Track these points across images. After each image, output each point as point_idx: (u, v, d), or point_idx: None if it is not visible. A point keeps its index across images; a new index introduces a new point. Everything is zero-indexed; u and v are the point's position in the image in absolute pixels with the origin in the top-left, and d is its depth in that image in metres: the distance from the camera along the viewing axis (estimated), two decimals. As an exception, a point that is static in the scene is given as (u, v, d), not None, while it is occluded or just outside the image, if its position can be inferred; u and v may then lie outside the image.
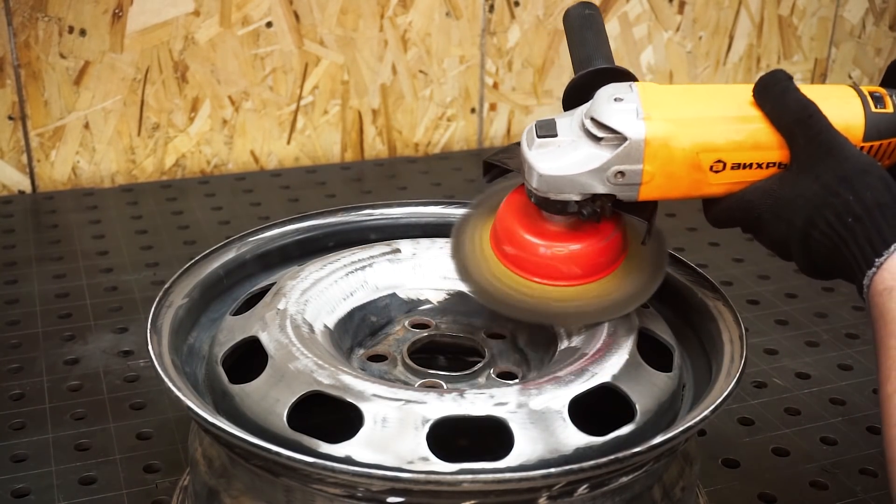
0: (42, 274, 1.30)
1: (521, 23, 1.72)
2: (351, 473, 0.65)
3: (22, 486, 0.93)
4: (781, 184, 0.74)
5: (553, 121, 0.78)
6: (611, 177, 0.75)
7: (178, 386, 0.73)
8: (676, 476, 0.78)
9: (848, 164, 0.71)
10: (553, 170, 0.76)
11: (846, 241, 0.69)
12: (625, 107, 0.75)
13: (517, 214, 0.82)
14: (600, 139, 0.75)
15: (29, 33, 1.47)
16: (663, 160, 0.75)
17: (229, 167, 1.65)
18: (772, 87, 0.75)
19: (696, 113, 0.76)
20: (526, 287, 0.81)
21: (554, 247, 0.80)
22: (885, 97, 0.78)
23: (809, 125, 0.73)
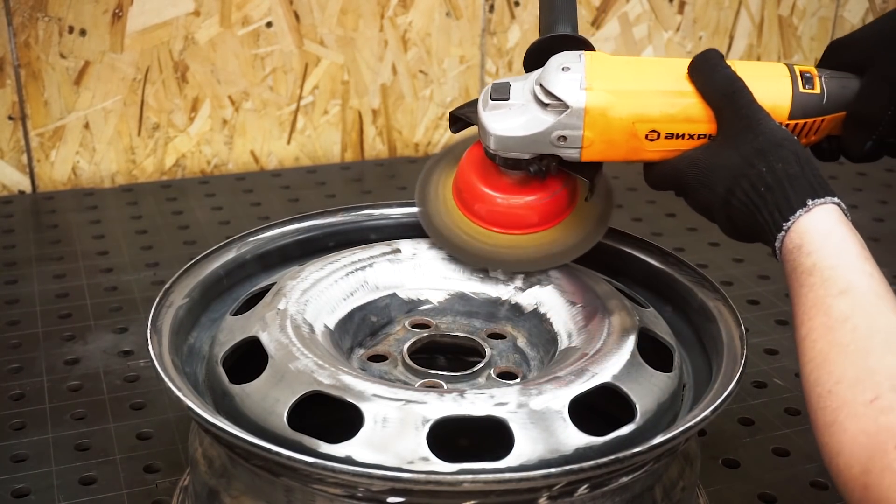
0: (42, 274, 1.30)
1: (521, 23, 1.72)
2: (351, 473, 0.65)
3: (22, 486, 0.93)
4: (706, 154, 0.80)
5: (507, 84, 0.85)
6: (554, 140, 0.82)
7: (179, 386, 0.73)
8: (676, 476, 0.78)
9: (764, 138, 0.77)
10: (503, 130, 0.83)
11: (759, 209, 0.75)
12: (570, 76, 0.82)
13: (475, 168, 0.89)
14: (547, 105, 0.82)
15: (29, 33, 1.47)
16: (602, 127, 0.81)
17: (229, 167, 1.65)
18: (702, 64, 0.81)
19: (635, 86, 0.82)
20: (481, 234, 0.89)
21: (506, 198, 0.88)
22: (815, 78, 0.83)
23: (734, 100, 0.79)
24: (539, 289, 0.89)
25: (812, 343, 0.68)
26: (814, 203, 0.73)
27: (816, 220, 0.73)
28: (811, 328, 0.69)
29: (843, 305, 0.68)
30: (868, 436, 0.61)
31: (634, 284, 0.93)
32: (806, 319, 0.69)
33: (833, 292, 0.69)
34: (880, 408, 0.61)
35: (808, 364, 0.68)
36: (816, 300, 0.69)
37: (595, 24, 1.76)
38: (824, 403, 0.65)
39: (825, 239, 0.72)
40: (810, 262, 0.71)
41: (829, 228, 0.73)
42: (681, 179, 0.81)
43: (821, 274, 0.70)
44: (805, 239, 0.73)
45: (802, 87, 0.82)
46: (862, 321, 0.67)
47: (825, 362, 0.66)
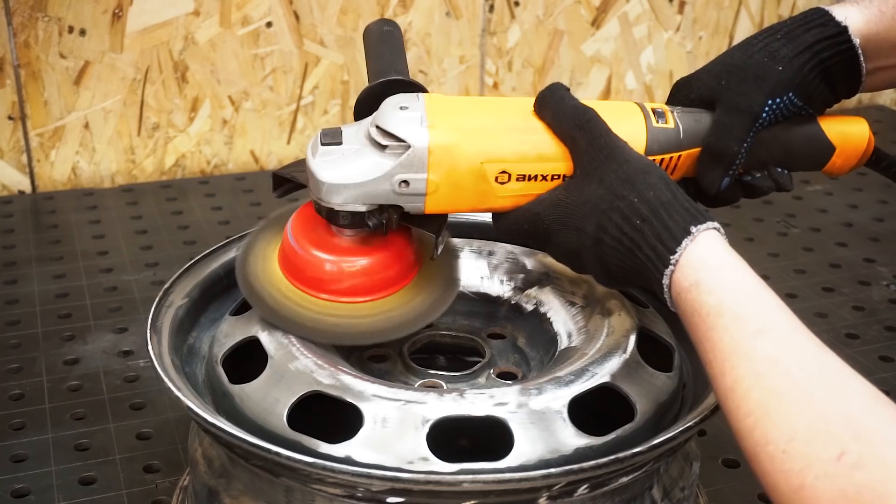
0: (42, 274, 1.30)
1: (521, 23, 1.72)
2: (351, 473, 0.65)
3: (22, 486, 0.93)
4: (567, 192, 0.74)
5: (339, 129, 0.77)
6: (395, 185, 0.74)
7: (178, 386, 0.73)
8: (676, 476, 0.78)
9: (628, 167, 0.71)
10: (336, 178, 0.74)
11: (638, 244, 0.69)
12: (410, 115, 0.74)
13: (304, 229, 0.80)
14: (385, 147, 0.74)
15: (29, 33, 1.47)
16: (447, 169, 0.74)
17: (229, 167, 1.65)
18: (548, 97, 0.76)
19: (481, 123, 0.76)
20: (313, 304, 0.79)
21: (340, 261, 0.78)
22: (667, 113, 0.79)
23: (589, 129, 0.73)
24: (539, 289, 0.89)
25: (744, 394, 0.61)
26: (697, 230, 0.67)
27: (704, 250, 0.67)
28: (737, 377, 0.61)
29: (766, 346, 0.62)
30: (848, 498, 0.54)
31: (634, 284, 0.93)
32: (728, 368, 0.62)
33: (751, 332, 0.62)
34: (851, 464, 0.55)
35: (746, 419, 0.60)
36: (734, 344, 0.62)
37: (595, 24, 1.76)
38: (783, 466, 0.57)
39: (722, 272, 0.66)
40: (714, 300, 0.65)
41: (721, 259, 0.67)
42: (540, 225, 0.75)
43: (730, 313, 0.64)
44: (701, 275, 0.66)
45: (656, 122, 0.78)
46: (792, 362, 0.61)
47: (767, 415, 0.59)
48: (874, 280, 1.33)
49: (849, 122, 0.83)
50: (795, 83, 0.78)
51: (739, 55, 0.80)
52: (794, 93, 0.79)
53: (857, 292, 1.30)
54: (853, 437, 0.56)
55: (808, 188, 1.60)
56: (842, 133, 0.82)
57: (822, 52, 0.79)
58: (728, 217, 1.49)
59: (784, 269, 1.35)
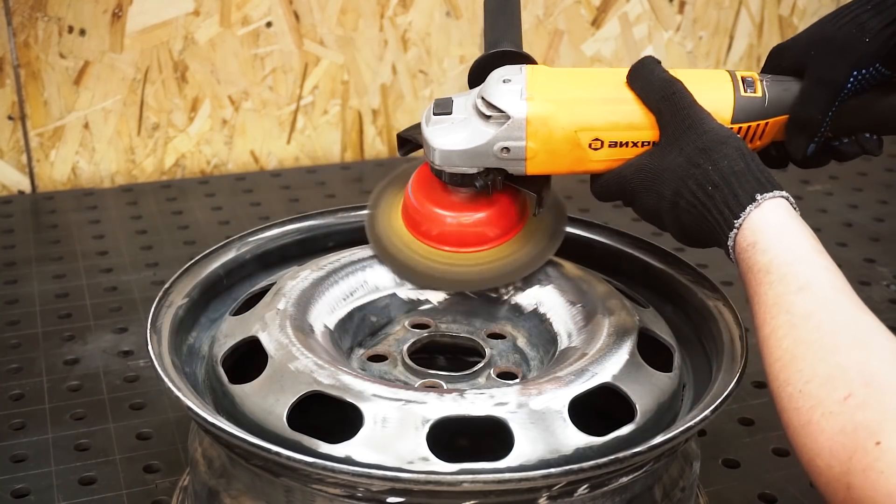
0: (42, 274, 1.30)
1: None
2: (351, 473, 0.65)
3: (22, 486, 0.93)
4: (651, 159, 0.79)
5: (451, 99, 0.85)
6: (497, 152, 0.81)
7: (178, 386, 0.73)
8: (676, 476, 0.78)
9: (707, 137, 0.76)
10: (446, 144, 0.83)
11: (708, 208, 0.74)
12: (511, 87, 0.81)
13: (422, 187, 0.88)
14: (489, 117, 0.82)
15: (28, 33, 1.47)
16: (544, 137, 0.81)
17: (229, 167, 1.65)
18: (640, 70, 0.81)
19: (576, 95, 0.82)
20: (432, 254, 0.88)
21: (456, 215, 0.87)
22: (757, 82, 0.83)
23: (674, 101, 0.79)
24: (539, 289, 0.89)
25: (777, 341, 0.67)
26: (762, 198, 0.72)
27: (767, 215, 0.72)
28: (775, 327, 0.67)
29: (805, 302, 0.67)
30: (846, 434, 0.60)
31: (634, 284, 0.93)
32: (768, 318, 0.68)
33: (793, 289, 0.68)
34: (855, 405, 0.60)
35: (776, 363, 0.67)
36: (777, 298, 0.68)
37: (595, 24, 1.76)
38: (797, 404, 0.64)
39: (779, 235, 0.71)
40: (766, 259, 0.70)
41: (782, 223, 0.72)
42: (627, 187, 0.81)
43: (778, 271, 0.69)
44: (759, 236, 0.72)
45: (744, 91, 0.82)
46: (825, 316, 0.66)
47: (793, 361, 0.65)
48: (874, 280, 1.33)
49: None
50: (882, 54, 0.80)
51: (830, 26, 0.82)
52: (881, 63, 0.81)
53: (858, 292, 1.28)
54: (864, 383, 0.61)
55: (808, 188, 1.60)
56: None
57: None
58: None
59: (784, 269, 1.35)
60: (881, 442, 0.58)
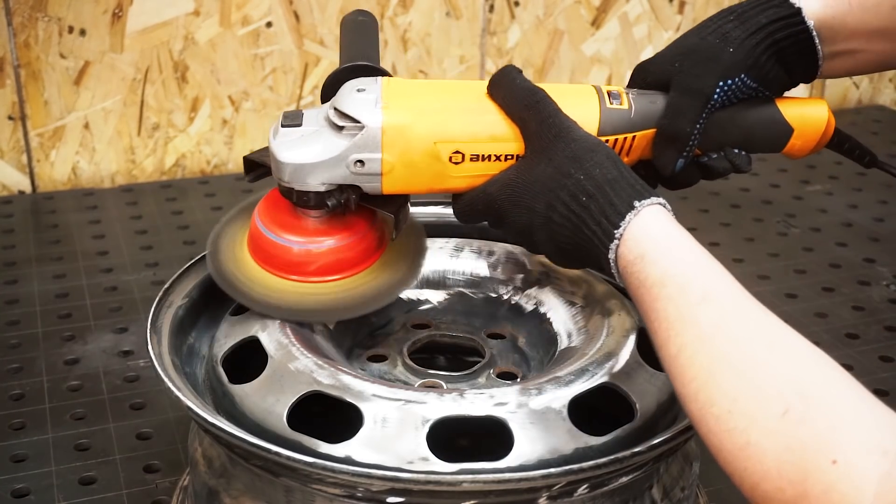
0: (42, 274, 1.30)
1: (521, 23, 1.72)
2: (351, 473, 0.65)
3: (22, 486, 0.93)
4: (518, 172, 0.75)
5: (300, 112, 0.80)
6: (351, 165, 0.76)
7: (178, 386, 0.73)
8: (677, 476, 0.78)
9: (576, 145, 0.72)
10: (295, 158, 0.77)
11: (584, 220, 0.70)
12: (365, 97, 0.77)
13: (270, 213, 0.82)
14: (342, 128, 0.76)
15: (29, 33, 1.47)
16: (401, 149, 0.76)
17: (229, 167, 1.65)
18: (501, 78, 0.77)
19: (434, 104, 0.77)
20: (282, 286, 0.81)
21: (307, 242, 0.81)
22: (622, 95, 0.80)
23: (538, 109, 0.74)
24: (539, 289, 0.89)
25: (688, 359, 0.62)
26: (641, 205, 0.68)
27: (649, 223, 0.68)
28: (682, 343, 0.62)
29: (711, 313, 0.62)
30: (794, 453, 0.55)
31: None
32: (672, 335, 0.63)
33: (694, 300, 0.63)
34: (796, 420, 0.55)
35: (691, 384, 0.61)
36: (678, 311, 0.63)
37: (595, 24, 1.76)
38: (728, 425, 0.58)
39: (667, 244, 0.67)
40: (658, 271, 0.66)
41: (665, 231, 0.68)
42: (494, 204, 0.76)
43: (674, 282, 0.65)
44: (645, 246, 0.67)
45: (609, 103, 0.79)
46: (736, 327, 0.62)
47: (712, 378, 0.60)
48: (874, 280, 1.33)
49: (808, 104, 0.83)
50: (748, 64, 0.79)
51: (693, 38, 0.81)
52: (746, 74, 0.79)
53: (857, 292, 1.30)
54: (797, 394, 0.56)
55: (808, 188, 1.60)
56: (800, 115, 0.82)
57: (775, 33, 0.79)
58: (728, 217, 1.49)
59: (784, 269, 1.35)
60: (837, 460, 0.53)
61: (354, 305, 0.81)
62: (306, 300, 0.81)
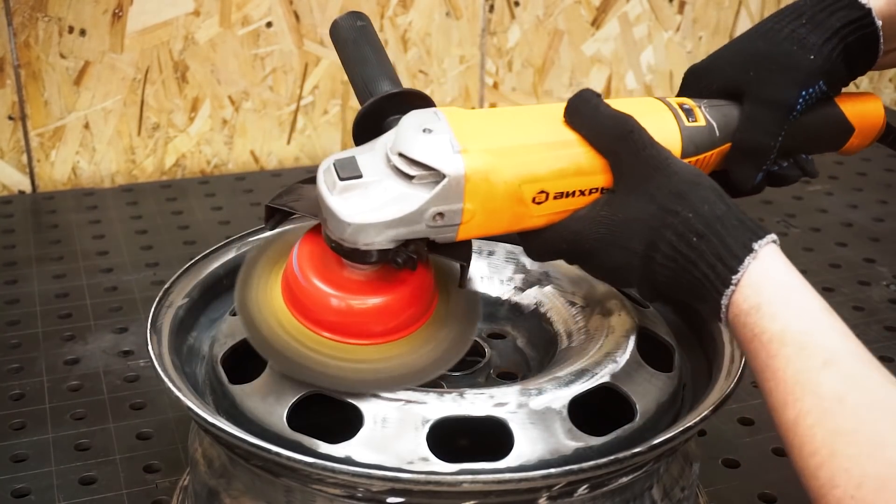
0: (42, 274, 1.30)
1: (521, 23, 1.72)
2: (351, 474, 0.65)
3: (22, 486, 0.93)
4: (612, 209, 0.69)
5: (353, 158, 0.68)
6: (429, 219, 0.67)
7: (178, 386, 0.73)
8: (676, 476, 0.78)
9: (678, 178, 0.67)
10: (363, 217, 0.66)
11: (694, 262, 0.65)
12: (437, 139, 0.67)
13: (312, 263, 0.72)
14: (412, 177, 0.67)
15: (29, 33, 1.47)
16: (484, 196, 0.67)
17: (229, 167, 1.65)
18: (582, 106, 0.70)
19: (513, 140, 0.69)
20: (326, 348, 0.72)
21: (360, 300, 0.71)
22: (695, 109, 0.76)
23: (632, 140, 0.68)
24: (539, 289, 0.88)
25: (808, 430, 0.58)
26: (758, 245, 0.64)
27: (767, 268, 0.63)
28: (801, 411, 0.59)
29: (833, 380, 0.58)
30: None
31: (634, 284, 0.93)
32: (791, 400, 0.59)
33: (816, 364, 0.59)
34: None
35: (812, 458, 0.58)
36: (798, 375, 0.59)
37: (595, 24, 1.76)
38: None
39: (787, 295, 0.62)
40: (777, 326, 0.61)
41: (784, 279, 0.63)
42: (581, 244, 0.70)
43: (794, 341, 0.60)
44: (763, 296, 0.62)
45: (687, 121, 0.74)
46: (860, 398, 0.58)
47: (833, 457, 0.56)
48: (874, 280, 1.33)
49: (864, 101, 0.82)
50: (825, 70, 0.75)
51: (764, 44, 0.76)
52: (823, 81, 0.76)
53: (857, 292, 1.30)
54: None
55: (808, 188, 1.60)
56: (860, 113, 0.80)
57: (847, 36, 0.76)
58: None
59: (784, 269, 1.35)
60: None
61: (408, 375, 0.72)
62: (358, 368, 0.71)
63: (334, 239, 0.68)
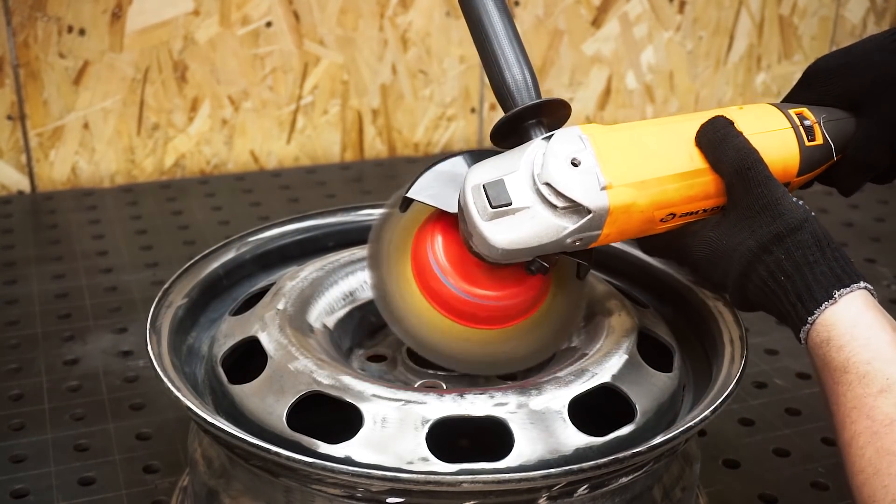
0: (41, 274, 1.30)
1: (521, 23, 1.72)
2: (350, 474, 0.65)
3: (21, 486, 0.93)
4: (718, 232, 0.75)
5: (502, 182, 0.72)
6: (569, 243, 0.73)
7: (178, 386, 0.73)
8: (676, 476, 0.78)
9: (782, 221, 0.72)
10: (512, 243, 0.71)
11: (779, 297, 0.71)
12: (583, 174, 0.71)
13: (450, 255, 0.77)
14: (557, 207, 0.71)
15: (28, 33, 1.47)
16: (622, 224, 0.74)
17: (229, 167, 1.65)
18: (713, 134, 0.75)
19: (653, 171, 0.74)
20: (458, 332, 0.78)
21: (499, 294, 0.77)
22: (815, 127, 0.78)
23: (749, 177, 0.73)
24: (539, 289, 0.88)
25: (859, 450, 0.63)
26: (839, 294, 0.69)
27: (842, 310, 0.69)
28: (855, 433, 0.64)
29: (887, 406, 0.63)
30: None
31: (634, 284, 0.93)
32: (848, 423, 0.65)
33: (873, 391, 0.64)
34: None
35: (859, 475, 0.62)
36: (856, 401, 0.64)
37: (595, 24, 1.75)
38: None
39: (853, 329, 0.68)
40: (842, 357, 0.67)
41: (855, 318, 0.68)
42: (688, 255, 0.77)
43: (856, 370, 0.66)
44: (833, 332, 0.68)
45: (808, 142, 0.77)
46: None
47: (877, 475, 0.61)
48: (874, 280, 1.33)
49: None
50: None
51: (885, 58, 0.78)
52: None
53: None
54: None
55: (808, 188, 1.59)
56: None
57: None
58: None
59: (784, 269, 1.35)
60: None
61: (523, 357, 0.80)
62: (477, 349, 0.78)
63: (480, 253, 0.73)
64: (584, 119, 1.81)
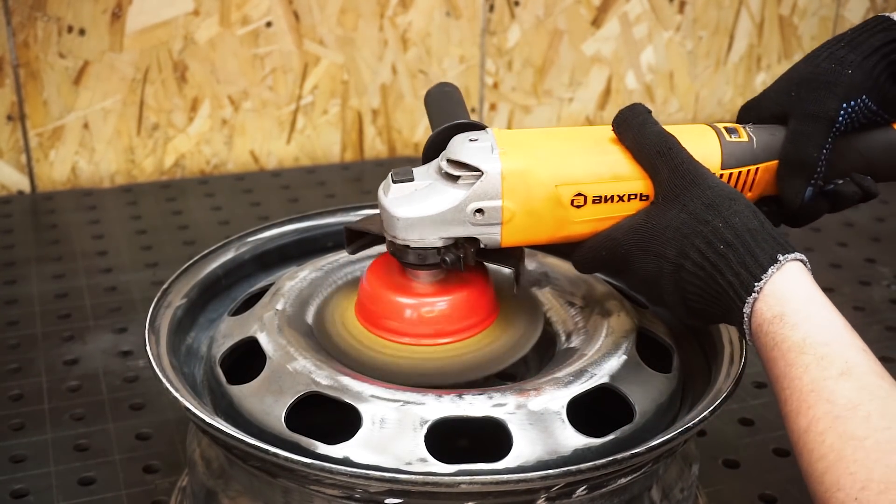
0: (41, 274, 1.30)
1: (521, 22, 1.72)
2: (349, 475, 0.65)
3: (21, 486, 0.93)
4: (648, 217, 0.72)
5: (409, 168, 0.77)
6: (470, 215, 0.74)
7: (177, 387, 0.73)
8: (676, 477, 0.78)
9: (713, 192, 0.70)
10: (411, 212, 0.74)
11: (720, 269, 0.67)
12: (480, 144, 0.74)
13: (382, 278, 0.79)
14: (457, 178, 0.74)
15: (28, 33, 1.47)
16: (522, 195, 0.73)
17: (229, 167, 1.65)
18: (631, 120, 0.75)
19: (553, 148, 0.75)
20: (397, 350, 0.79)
21: (425, 303, 0.78)
22: (739, 129, 0.79)
23: (671, 156, 0.72)
24: (539, 289, 0.88)
25: (818, 436, 0.59)
26: (784, 258, 0.66)
27: (791, 280, 0.65)
28: (814, 418, 0.60)
29: (848, 390, 0.60)
30: None
31: (634, 285, 0.93)
32: (805, 408, 0.61)
33: (833, 374, 0.61)
34: None
35: (819, 462, 0.59)
36: (814, 384, 0.61)
37: (595, 24, 1.75)
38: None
39: (808, 307, 0.64)
40: (798, 336, 0.63)
41: (808, 292, 0.65)
42: (619, 250, 0.73)
43: (814, 351, 0.62)
44: (786, 307, 0.64)
45: (729, 137, 0.77)
46: (873, 408, 0.59)
47: (841, 461, 0.57)
48: (874, 280, 1.33)
49: None
50: (868, 86, 0.77)
51: (805, 67, 0.78)
52: (867, 96, 0.77)
53: (858, 292, 1.30)
54: None
55: (808, 188, 1.60)
56: None
57: (890, 54, 0.77)
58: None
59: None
60: None
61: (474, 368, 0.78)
62: (422, 365, 0.77)
63: (391, 238, 0.76)
64: (584, 120, 1.81)
